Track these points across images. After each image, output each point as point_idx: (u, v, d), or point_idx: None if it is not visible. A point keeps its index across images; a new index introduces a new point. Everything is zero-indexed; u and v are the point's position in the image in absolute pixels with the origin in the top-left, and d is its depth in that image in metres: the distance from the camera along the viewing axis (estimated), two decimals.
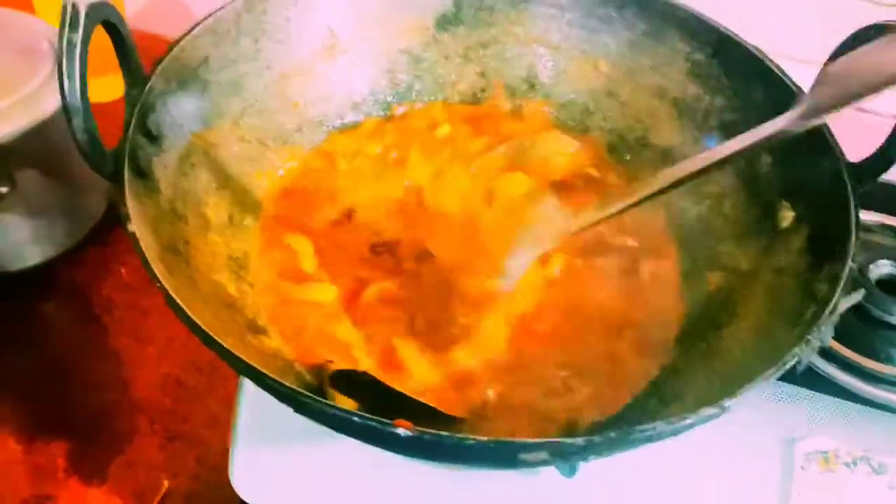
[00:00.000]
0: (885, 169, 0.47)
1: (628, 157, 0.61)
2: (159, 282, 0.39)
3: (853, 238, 0.44)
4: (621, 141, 0.62)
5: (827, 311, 0.41)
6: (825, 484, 0.53)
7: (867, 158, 0.48)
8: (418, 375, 0.49)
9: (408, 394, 0.47)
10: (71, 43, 0.40)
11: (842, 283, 0.42)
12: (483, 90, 0.65)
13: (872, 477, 0.54)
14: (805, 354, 0.40)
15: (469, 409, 0.48)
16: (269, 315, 0.50)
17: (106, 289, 0.69)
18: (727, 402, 0.37)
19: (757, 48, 0.55)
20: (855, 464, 0.54)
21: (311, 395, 0.36)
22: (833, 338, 0.59)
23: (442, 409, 0.47)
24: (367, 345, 0.50)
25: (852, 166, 0.48)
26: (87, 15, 0.40)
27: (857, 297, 0.60)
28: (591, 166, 0.61)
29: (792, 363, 0.39)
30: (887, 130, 0.47)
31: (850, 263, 0.43)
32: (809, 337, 0.40)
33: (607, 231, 0.57)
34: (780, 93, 0.53)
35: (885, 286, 0.63)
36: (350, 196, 0.57)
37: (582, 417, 0.48)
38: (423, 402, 0.47)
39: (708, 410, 0.37)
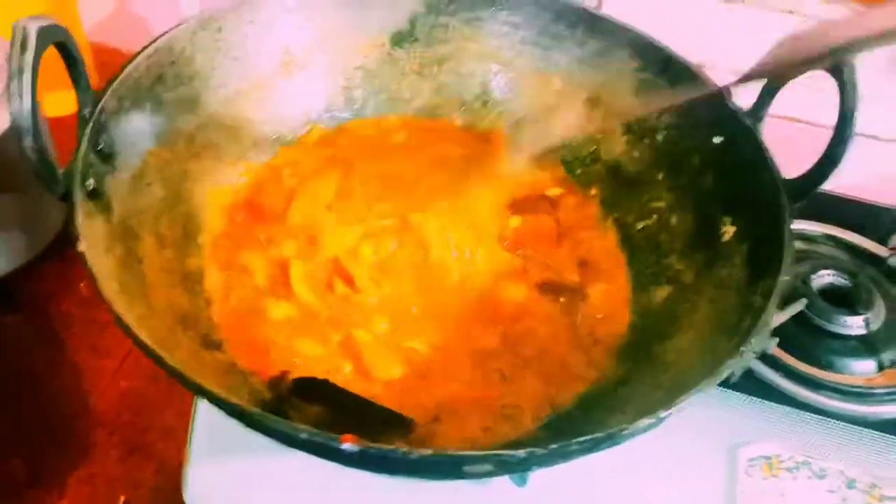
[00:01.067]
0: (820, 183, 0.49)
1: (579, 172, 0.63)
2: (108, 301, 0.40)
3: (786, 252, 0.46)
4: (573, 156, 0.63)
5: (760, 323, 0.43)
6: (768, 488, 0.55)
7: (803, 174, 0.50)
8: (380, 373, 0.51)
9: (365, 397, 0.48)
10: (21, 65, 0.40)
11: (774, 296, 0.44)
12: (439, 106, 0.66)
13: (813, 481, 0.56)
14: (739, 365, 0.41)
15: (429, 410, 0.49)
16: (224, 329, 0.51)
17: (65, 303, 0.70)
18: (662, 413, 0.39)
19: (699, 67, 0.57)
20: (797, 468, 0.56)
21: (257, 410, 0.37)
22: (777, 346, 0.61)
23: (400, 411, 0.48)
24: (327, 349, 0.51)
25: (788, 182, 0.50)
26: (37, 37, 0.41)
27: (799, 306, 0.62)
28: (550, 185, 0.62)
29: (726, 374, 0.41)
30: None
31: (782, 277, 0.45)
32: (743, 348, 0.41)
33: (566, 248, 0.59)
34: (720, 110, 0.55)
35: (828, 295, 0.65)
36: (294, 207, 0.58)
37: (527, 416, 0.50)
38: (381, 405, 0.48)
39: (644, 421, 0.38)
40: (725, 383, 0.58)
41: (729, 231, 0.53)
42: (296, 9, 0.61)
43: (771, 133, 0.53)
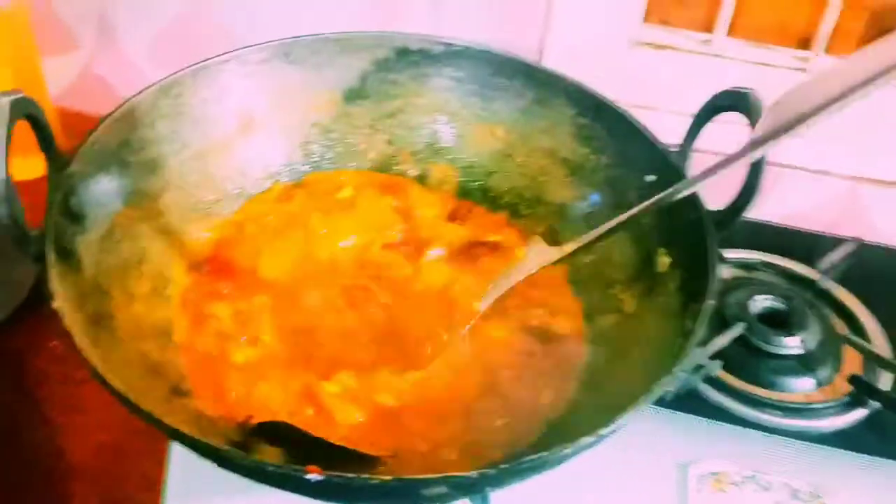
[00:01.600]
0: (741, 212, 0.53)
1: (526, 213, 0.67)
2: (83, 355, 0.42)
3: (711, 279, 0.50)
4: (520, 199, 0.67)
5: (689, 345, 0.46)
6: (717, 503, 0.58)
7: (726, 206, 0.54)
8: (342, 418, 0.53)
9: (327, 439, 0.50)
10: None
11: (701, 320, 0.47)
12: (393, 157, 0.70)
13: (760, 494, 0.59)
14: (672, 385, 0.45)
15: (392, 447, 0.52)
16: (193, 378, 0.53)
17: (39, 360, 0.71)
18: (603, 431, 0.42)
19: (628, 112, 0.62)
20: (744, 483, 0.60)
21: (226, 448, 0.40)
22: (722, 369, 0.65)
23: (364, 451, 0.50)
24: (286, 396, 0.54)
25: (714, 213, 0.54)
26: (10, 111, 0.44)
27: (739, 329, 0.67)
28: (492, 232, 0.66)
29: (660, 393, 0.44)
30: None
31: (709, 301, 0.48)
32: (674, 370, 0.45)
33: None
34: (650, 150, 0.59)
35: (766, 319, 0.69)
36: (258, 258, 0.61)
37: (496, 451, 0.52)
38: (344, 445, 0.50)
39: (585, 440, 0.41)
40: (676, 405, 0.62)
41: (665, 262, 0.57)
42: (252, 73, 0.64)
43: (700, 167, 0.57)
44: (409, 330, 0.58)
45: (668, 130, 0.60)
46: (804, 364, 0.67)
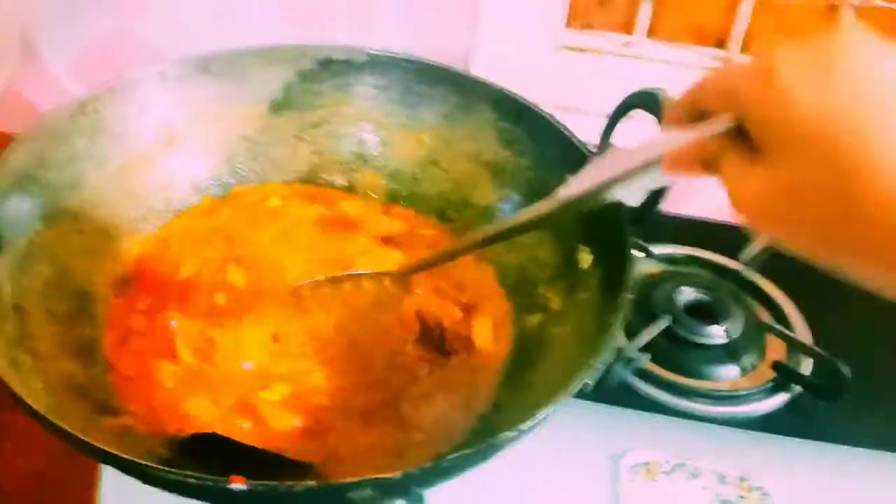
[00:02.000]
0: (653, 209, 0.54)
1: (454, 217, 0.68)
2: (3, 379, 0.42)
3: (628, 273, 0.51)
4: (447, 203, 0.68)
5: (608, 338, 0.48)
6: (649, 492, 0.60)
7: (640, 203, 0.55)
8: (275, 424, 0.53)
9: (258, 447, 0.50)
10: None
11: (619, 312, 0.49)
12: (319, 167, 0.70)
13: (690, 481, 0.61)
14: (590, 377, 0.46)
15: (325, 453, 0.52)
16: (120, 395, 0.53)
17: None
18: (523, 426, 0.43)
19: (549, 114, 0.63)
20: (674, 471, 0.61)
21: (146, 463, 0.40)
22: (650, 360, 0.67)
23: (295, 457, 0.50)
24: (219, 410, 0.53)
25: (630, 210, 0.55)
26: None
27: (666, 322, 0.68)
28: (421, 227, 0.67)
29: (579, 386, 0.45)
30: None
31: (626, 295, 0.50)
32: (590, 362, 0.46)
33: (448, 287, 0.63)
34: (569, 151, 0.61)
35: (692, 310, 0.71)
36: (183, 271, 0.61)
37: (424, 451, 0.53)
38: (275, 452, 0.50)
39: (506, 434, 0.42)
40: (608, 398, 0.64)
41: (587, 259, 0.58)
42: (173, 88, 0.64)
43: None
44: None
45: (592, 131, 0.61)
46: (729, 352, 0.69)
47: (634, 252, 0.53)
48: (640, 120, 0.57)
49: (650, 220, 0.55)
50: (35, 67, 0.91)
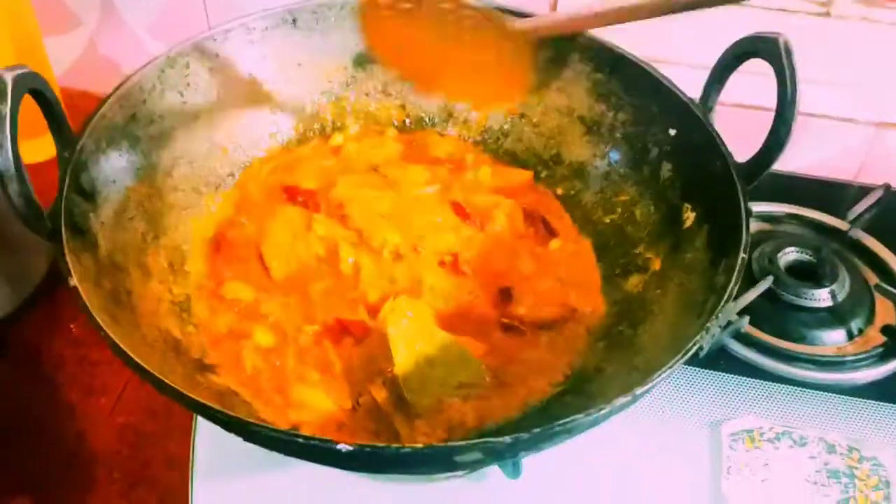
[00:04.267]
0: (769, 164, 0.51)
1: (544, 175, 0.65)
2: (104, 331, 0.41)
3: (745, 231, 0.48)
4: (537, 160, 0.66)
5: (723, 301, 0.45)
6: (752, 460, 0.57)
7: (752, 158, 0.52)
8: None
9: None
10: (1, 114, 0.42)
11: (736, 273, 0.46)
12: (405, 122, 0.68)
13: (795, 449, 0.58)
14: (706, 341, 0.43)
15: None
16: (215, 354, 0.52)
17: (56, 345, 0.71)
18: (638, 391, 0.41)
19: (648, 64, 0.60)
20: (778, 439, 0.58)
21: (256, 421, 0.39)
22: (750, 323, 0.64)
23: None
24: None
25: (740, 165, 0.52)
26: (14, 86, 0.43)
27: (767, 283, 0.65)
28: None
29: (694, 351, 0.43)
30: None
31: (742, 255, 0.47)
32: (709, 325, 0.44)
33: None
34: (672, 103, 0.57)
35: (794, 271, 0.68)
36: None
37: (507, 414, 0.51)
38: None
39: (620, 400, 0.40)
40: (706, 363, 0.61)
41: (690, 217, 0.56)
42: (259, 40, 0.63)
43: (723, 120, 0.56)
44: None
45: (685, 85, 0.58)
46: (835, 316, 0.66)
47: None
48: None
49: (761, 178, 0.52)
50: (115, 26, 0.91)
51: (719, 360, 0.63)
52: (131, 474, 0.63)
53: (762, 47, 0.51)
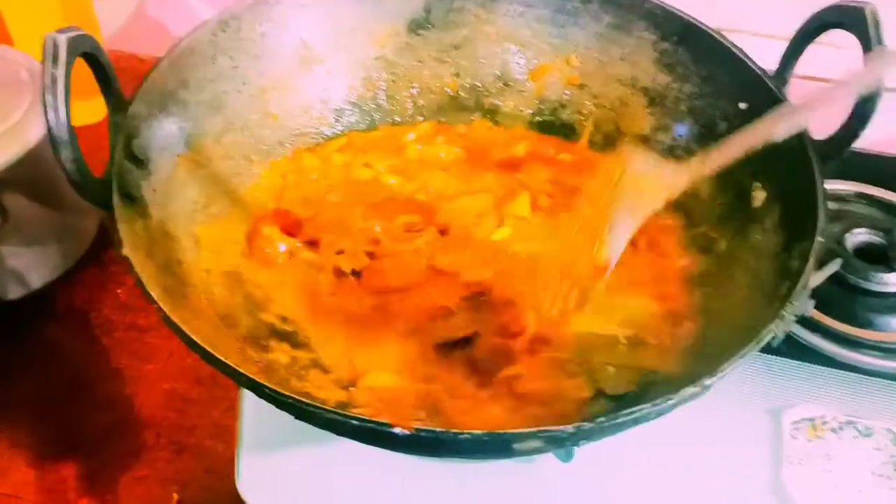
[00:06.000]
0: (850, 144, 0.48)
1: (603, 149, 0.63)
2: (156, 303, 0.41)
3: (821, 214, 0.46)
4: (596, 131, 0.63)
5: (799, 286, 0.43)
6: (814, 450, 0.55)
7: (832, 135, 0.49)
8: None
9: None
10: (54, 77, 0.41)
11: (811, 259, 0.44)
12: (459, 91, 0.66)
13: (860, 440, 0.56)
14: (780, 329, 0.41)
15: None
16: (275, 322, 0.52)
17: (105, 309, 0.71)
18: (707, 381, 0.39)
19: (720, 33, 0.57)
20: (841, 429, 0.56)
21: (310, 402, 0.38)
22: (815, 308, 0.61)
23: None
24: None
25: (817, 144, 0.49)
26: (67, 49, 0.42)
27: (835, 266, 0.62)
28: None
29: (768, 339, 0.41)
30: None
31: (818, 238, 0.45)
32: (784, 312, 0.41)
33: None
34: (744, 75, 0.55)
35: (862, 254, 0.65)
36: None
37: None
38: None
39: (689, 390, 0.38)
40: (766, 348, 0.59)
41: (759, 196, 0.53)
42: (311, 3, 0.61)
43: (798, 94, 0.53)
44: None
45: (757, 57, 0.55)
46: None
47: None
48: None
49: (840, 157, 0.49)
50: None
51: (782, 344, 0.60)
52: (178, 440, 0.63)
53: (847, 17, 0.47)
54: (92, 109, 0.75)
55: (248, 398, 0.56)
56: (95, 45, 0.45)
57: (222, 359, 0.39)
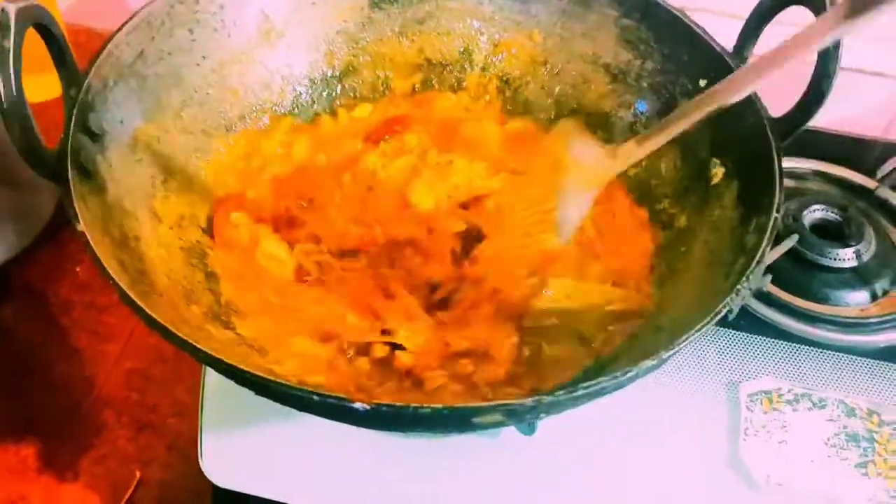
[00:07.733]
0: (806, 120, 0.49)
1: None
2: (112, 279, 0.40)
3: (778, 190, 0.46)
4: (558, 108, 0.63)
5: (755, 261, 0.43)
6: (770, 421, 0.56)
7: (788, 112, 0.50)
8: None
9: None
10: (2, 48, 0.40)
11: (768, 234, 0.44)
12: (421, 66, 0.66)
13: (814, 412, 0.57)
14: (736, 303, 0.42)
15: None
16: (229, 300, 0.51)
17: (63, 289, 0.69)
18: (665, 354, 0.39)
19: (682, 11, 0.57)
20: (797, 401, 0.57)
21: (270, 377, 0.38)
22: (771, 283, 0.62)
23: None
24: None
25: (775, 121, 0.50)
26: (16, 19, 0.40)
27: (791, 242, 0.63)
28: None
29: (724, 313, 0.41)
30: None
31: (775, 214, 0.45)
32: (739, 287, 0.42)
33: None
34: (705, 53, 0.55)
35: (819, 230, 0.66)
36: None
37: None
38: None
39: (647, 363, 0.39)
40: (723, 322, 0.60)
41: (718, 173, 0.54)
42: None
43: None
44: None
45: (718, 35, 0.55)
46: (859, 277, 0.64)
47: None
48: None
49: (796, 135, 0.50)
50: None
51: (739, 319, 0.61)
52: (139, 419, 0.62)
53: None
54: (46, 86, 0.73)
55: (210, 376, 0.56)
56: (48, 16, 0.43)
57: (180, 335, 0.38)
